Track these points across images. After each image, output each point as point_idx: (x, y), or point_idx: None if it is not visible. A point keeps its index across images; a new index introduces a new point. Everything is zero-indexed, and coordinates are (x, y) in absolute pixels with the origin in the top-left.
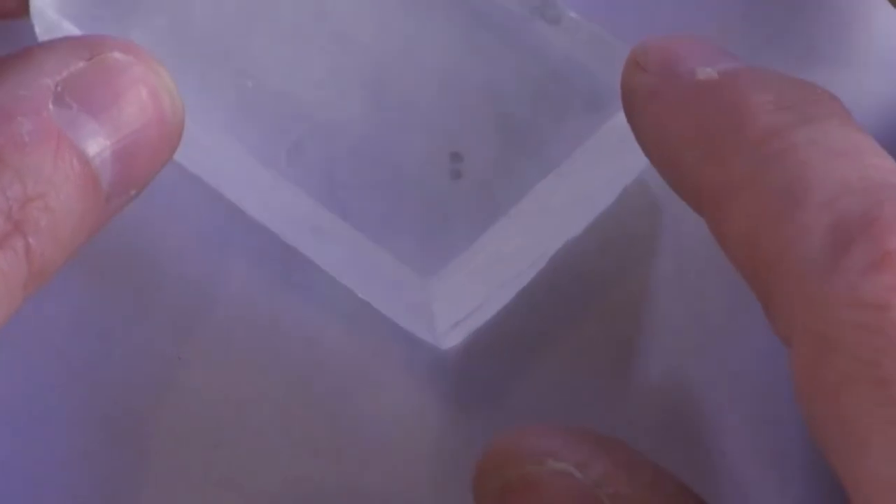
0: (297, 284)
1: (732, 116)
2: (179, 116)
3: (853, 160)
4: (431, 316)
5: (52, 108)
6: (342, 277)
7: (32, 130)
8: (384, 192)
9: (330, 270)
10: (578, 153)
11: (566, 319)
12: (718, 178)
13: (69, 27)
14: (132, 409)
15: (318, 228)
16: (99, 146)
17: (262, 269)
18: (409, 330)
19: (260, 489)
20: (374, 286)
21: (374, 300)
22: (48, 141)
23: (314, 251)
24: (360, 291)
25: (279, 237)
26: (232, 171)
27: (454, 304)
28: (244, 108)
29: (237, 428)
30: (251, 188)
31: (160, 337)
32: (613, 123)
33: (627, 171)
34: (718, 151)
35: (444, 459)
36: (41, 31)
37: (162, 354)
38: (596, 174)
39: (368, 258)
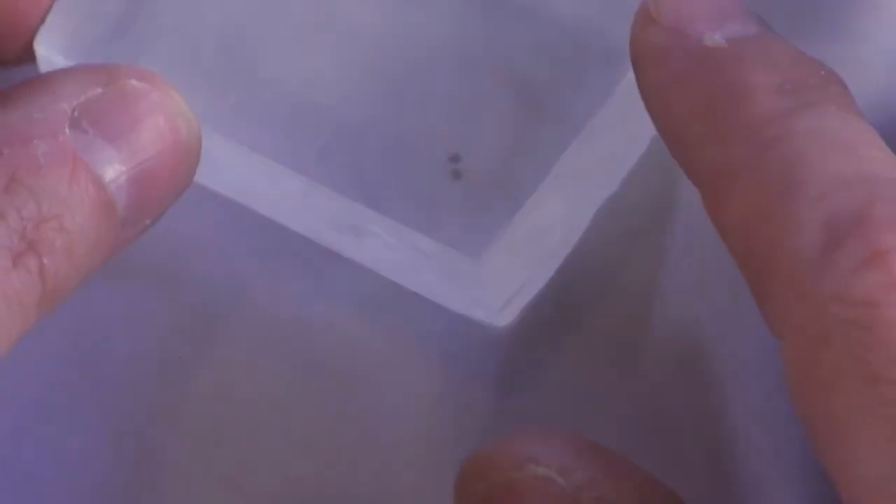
0: (297, 285)
1: (734, 95)
2: (196, 143)
3: (850, 152)
4: (485, 295)
5: (68, 132)
6: (386, 272)
7: (48, 153)
8: (416, 182)
9: (372, 267)
10: (601, 113)
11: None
12: (719, 158)
13: None
14: (133, 408)
15: (356, 227)
16: (115, 171)
17: (262, 269)
18: (462, 313)
19: (260, 489)
20: (421, 276)
21: (422, 290)
22: (64, 164)
23: (354, 250)
24: (406, 283)
25: (279, 237)
26: (255, 185)
27: (504, 280)
28: (266, 120)
29: (237, 428)
30: (282, 198)
31: (161, 337)
32: (630, 78)
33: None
34: (720, 131)
35: (444, 460)
36: None
37: (162, 354)
38: (621, 131)
39: (414, 249)
